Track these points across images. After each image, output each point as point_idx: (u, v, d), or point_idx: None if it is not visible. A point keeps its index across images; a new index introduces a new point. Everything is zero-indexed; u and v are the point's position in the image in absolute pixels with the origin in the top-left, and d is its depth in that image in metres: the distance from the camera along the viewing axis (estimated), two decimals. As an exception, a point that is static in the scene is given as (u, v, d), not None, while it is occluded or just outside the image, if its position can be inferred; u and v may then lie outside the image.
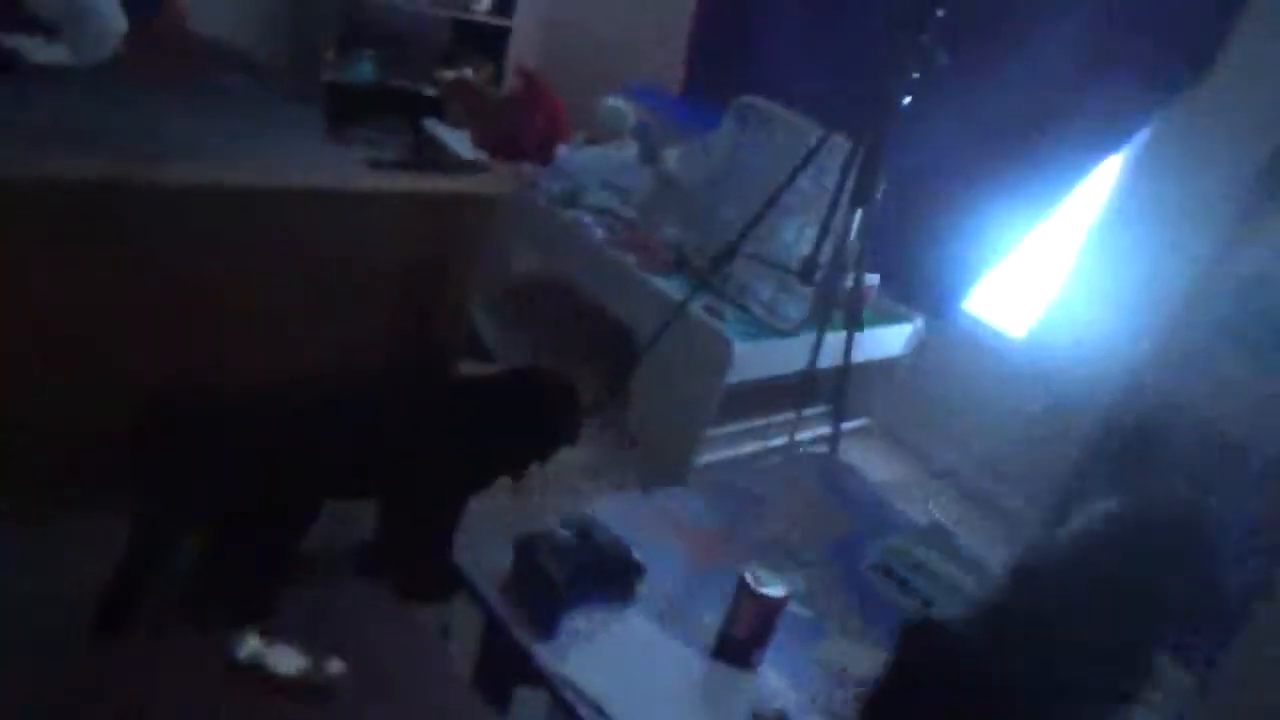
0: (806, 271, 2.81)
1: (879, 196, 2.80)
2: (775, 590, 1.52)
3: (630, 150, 3.99)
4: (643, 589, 1.63)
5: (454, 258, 2.53)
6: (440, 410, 2.36)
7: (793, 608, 1.60)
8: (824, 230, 2.75)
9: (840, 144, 2.76)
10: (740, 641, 1.53)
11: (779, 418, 3.39)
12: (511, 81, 4.52)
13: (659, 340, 2.86)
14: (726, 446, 3.26)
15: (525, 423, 2.48)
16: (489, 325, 2.96)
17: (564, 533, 1.59)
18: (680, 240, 3.48)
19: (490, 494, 2.50)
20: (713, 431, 3.19)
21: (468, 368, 2.78)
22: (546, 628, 1.51)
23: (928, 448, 3.66)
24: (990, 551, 2.28)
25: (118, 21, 2.79)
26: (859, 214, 2.77)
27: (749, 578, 1.53)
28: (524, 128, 4.19)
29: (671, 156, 3.83)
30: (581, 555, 1.56)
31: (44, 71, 2.62)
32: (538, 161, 4.07)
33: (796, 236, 3.10)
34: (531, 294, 3.44)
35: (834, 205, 2.76)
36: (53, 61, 2.70)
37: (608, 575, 1.59)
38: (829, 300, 2.98)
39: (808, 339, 3.19)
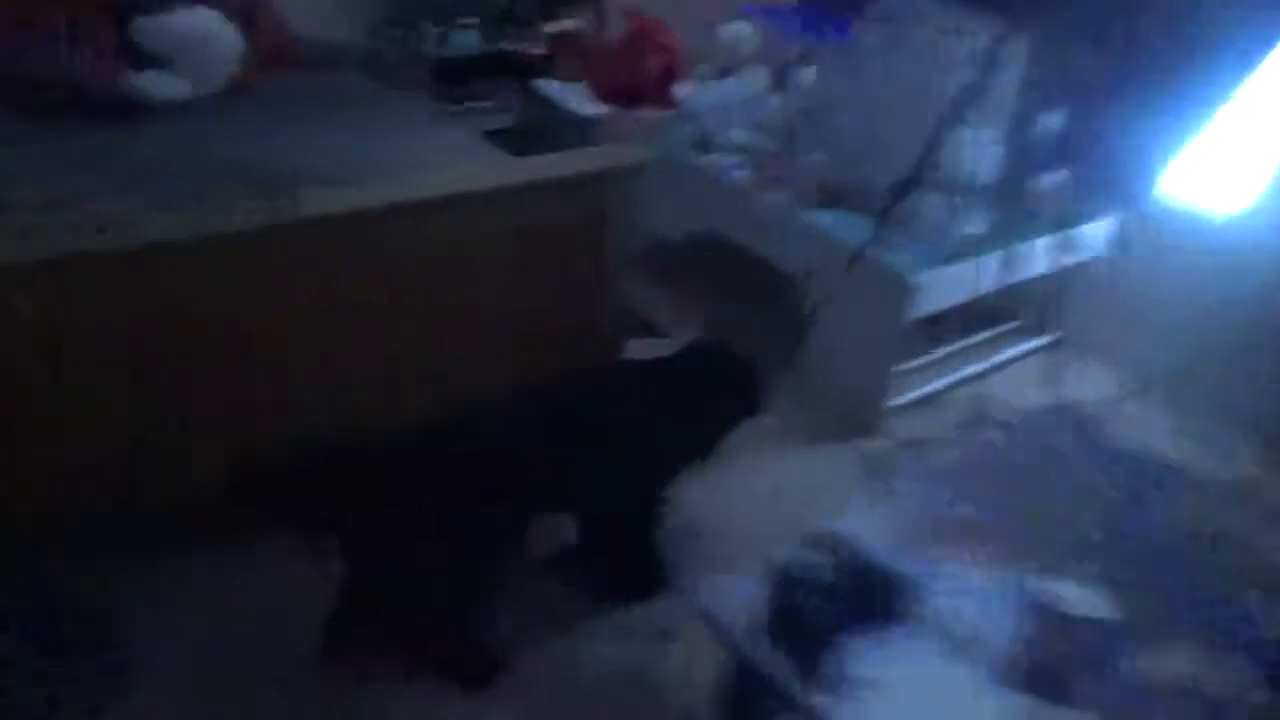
0: (1006, 186, 2.43)
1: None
2: (1083, 608, 1.25)
3: (759, 77, 3.61)
4: (912, 610, 1.38)
5: (603, 235, 2.29)
6: (619, 403, 2.14)
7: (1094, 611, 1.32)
8: (1016, 137, 2.36)
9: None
10: (1049, 671, 1.27)
11: (966, 343, 3.04)
12: (618, 24, 4.17)
13: (835, 288, 2.53)
14: (915, 385, 2.94)
15: (709, 402, 2.24)
16: (646, 296, 2.71)
17: (816, 559, 1.35)
18: (831, 167, 3.12)
19: (723, 520, 2.31)
20: (897, 368, 2.89)
21: (635, 346, 2.56)
22: (814, 673, 1.29)
23: (1133, 358, 3.22)
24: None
25: (233, 43, 2.62)
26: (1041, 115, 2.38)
27: (1045, 596, 1.26)
28: (639, 70, 3.87)
29: (805, 77, 3.44)
30: (842, 585, 1.32)
31: (167, 109, 2.48)
32: (659, 104, 3.75)
33: (966, 148, 2.70)
34: (681, 253, 3.16)
35: (1017, 108, 2.36)
36: (174, 96, 2.56)
37: (874, 602, 1.35)
38: (1020, 208, 2.59)
39: (989, 257, 2.83)
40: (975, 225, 2.84)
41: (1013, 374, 3.07)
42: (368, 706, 1.89)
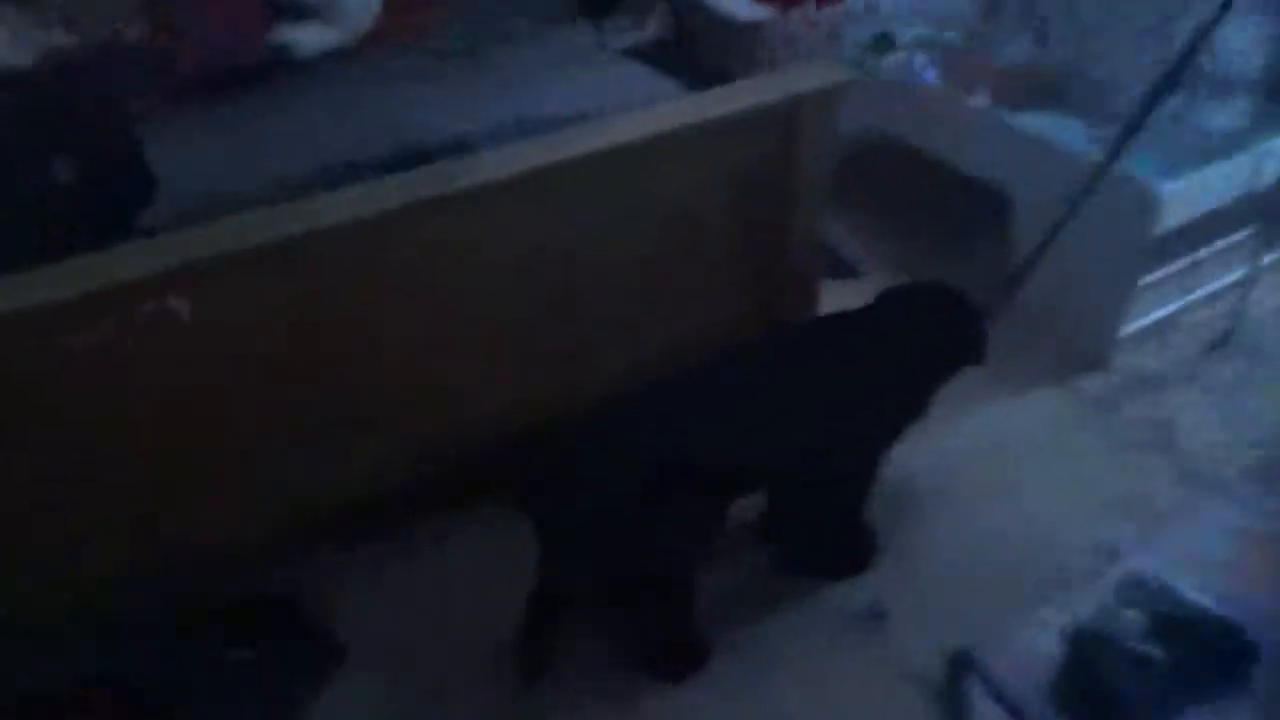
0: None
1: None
2: None
3: (942, -42, 3.04)
4: (1258, 675, 1.03)
5: (798, 169, 1.92)
6: (828, 364, 1.81)
7: None
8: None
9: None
10: None
11: (1204, 253, 2.50)
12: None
13: (1073, 209, 2.05)
14: (1149, 306, 2.45)
15: (926, 353, 1.88)
16: (838, 228, 2.32)
17: (1129, 617, 1.02)
18: (1038, 60, 2.59)
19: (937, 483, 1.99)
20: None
21: (830, 288, 2.19)
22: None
23: None
24: None
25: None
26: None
27: None
28: (801, -39, 3.35)
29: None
30: (1162, 646, 0.99)
31: (313, 64, 2.24)
32: (825, 1, 3.24)
33: (1230, 36, 2.13)
34: (867, 173, 2.71)
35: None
36: (323, 47, 2.32)
37: (1205, 665, 1.01)
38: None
39: (1248, 159, 2.28)
40: (1229, 118, 2.28)
41: (1268, 288, 2.52)
42: (564, 696, 1.73)
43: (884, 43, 2.84)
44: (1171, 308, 2.49)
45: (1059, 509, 2.05)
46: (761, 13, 3.25)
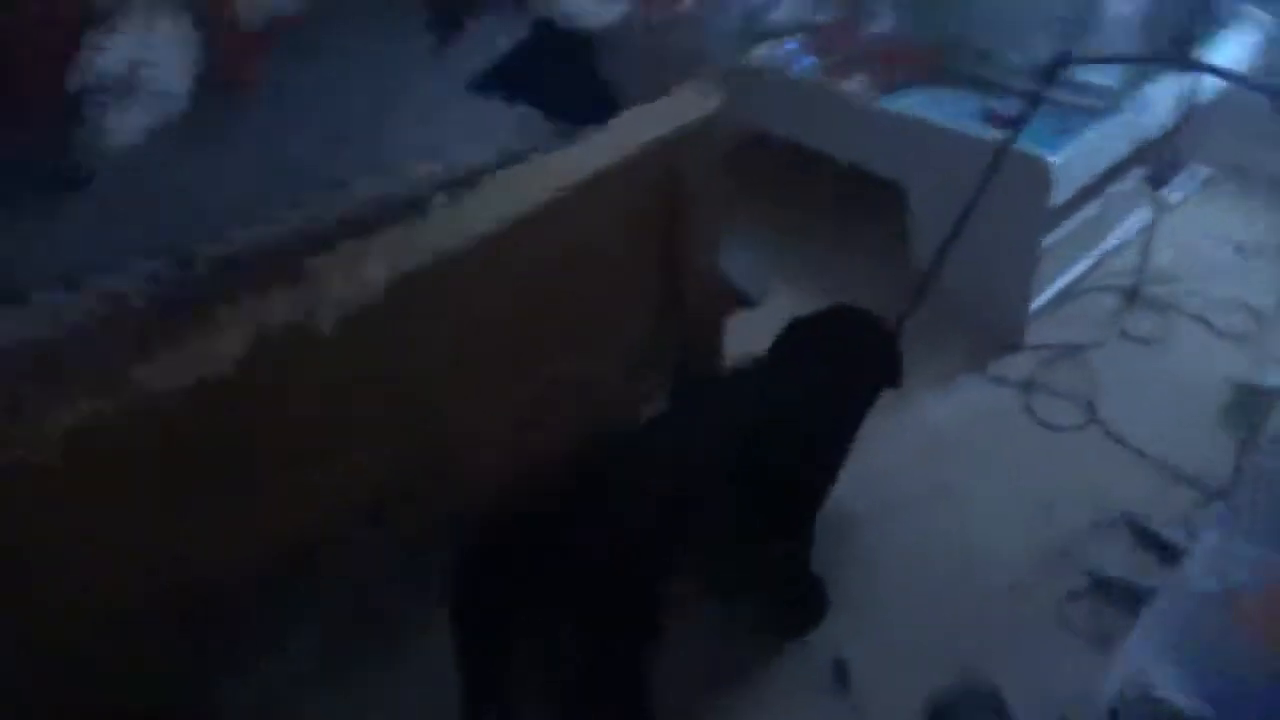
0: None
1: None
2: None
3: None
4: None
5: (679, 210, 1.71)
6: (745, 418, 1.64)
7: None
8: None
9: None
10: None
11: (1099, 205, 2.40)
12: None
13: (976, 197, 1.89)
14: (1054, 276, 2.34)
15: (841, 391, 1.73)
16: (725, 251, 2.12)
17: None
18: (911, 32, 2.43)
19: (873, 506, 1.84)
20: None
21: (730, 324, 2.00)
22: None
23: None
24: None
25: (183, 47, 1.99)
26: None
27: None
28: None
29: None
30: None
31: (122, 155, 1.91)
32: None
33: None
34: (751, 178, 2.49)
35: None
36: (129, 140, 1.96)
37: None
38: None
39: (1130, 112, 2.19)
40: (1107, 77, 2.17)
41: (1166, 234, 2.43)
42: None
43: (752, 31, 2.63)
44: (1075, 272, 2.41)
45: (1002, 511, 1.92)
46: (614, 11, 3.00)
